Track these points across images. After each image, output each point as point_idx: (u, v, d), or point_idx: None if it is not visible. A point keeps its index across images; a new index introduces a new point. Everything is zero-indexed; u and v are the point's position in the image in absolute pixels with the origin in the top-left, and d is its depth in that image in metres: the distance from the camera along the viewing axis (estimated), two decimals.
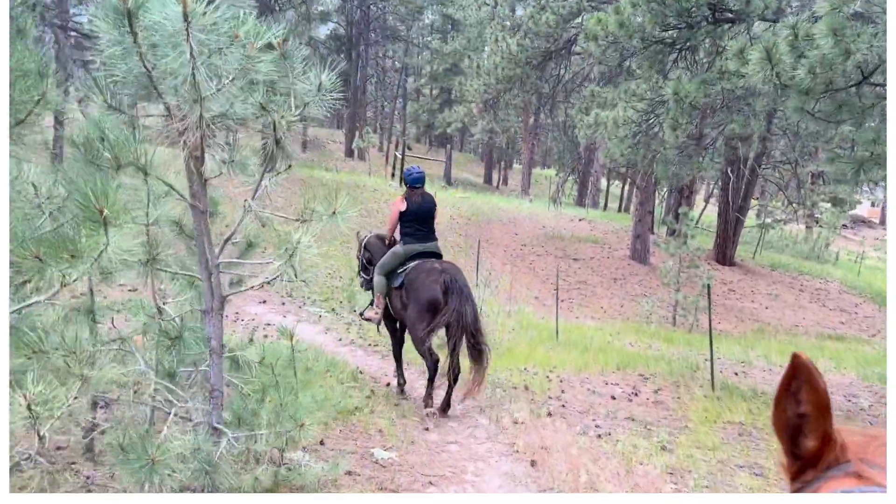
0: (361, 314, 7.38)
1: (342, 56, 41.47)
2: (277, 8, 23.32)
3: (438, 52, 36.24)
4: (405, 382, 6.91)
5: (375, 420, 5.61)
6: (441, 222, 20.15)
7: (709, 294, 8.41)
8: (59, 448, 3.51)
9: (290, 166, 2.54)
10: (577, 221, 23.49)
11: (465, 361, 6.24)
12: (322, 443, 4.84)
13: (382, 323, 6.93)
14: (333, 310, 12.46)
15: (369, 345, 9.86)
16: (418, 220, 6.40)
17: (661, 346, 12.24)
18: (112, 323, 2.99)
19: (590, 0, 16.62)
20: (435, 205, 6.52)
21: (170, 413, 2.40)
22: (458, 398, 6.40)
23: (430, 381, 6.13)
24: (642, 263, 19.59)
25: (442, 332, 6.18)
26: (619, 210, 35.54)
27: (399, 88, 49.85)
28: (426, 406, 6.04)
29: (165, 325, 2.62)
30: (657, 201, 27.35)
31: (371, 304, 6.96)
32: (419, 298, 5.92)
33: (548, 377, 8.08)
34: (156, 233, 2.35)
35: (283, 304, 12.50)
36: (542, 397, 7.01)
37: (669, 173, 10.88)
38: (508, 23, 20.58)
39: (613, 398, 7.34)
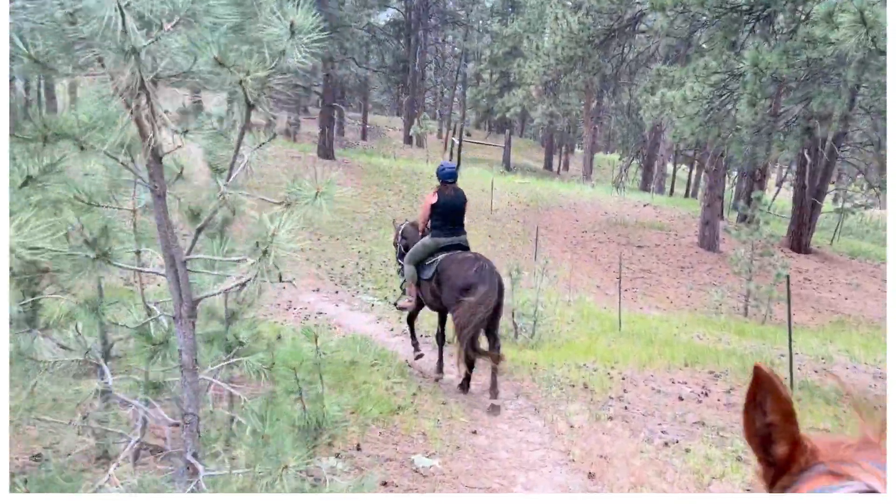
0: (395, 304, 7.53)
1: (401, 42, 41.19)
2: None
3: (498, 36, 35.49)
4: (420, 353, 7.31)
5: (420, 421, 5.22)
6: (499, 208, 19.66)
7: (788, 285, 7.68)
8: (68, 455, 3.24)
9: (273, 136, 2.12)
10: (642, 207, 22.57)
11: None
12: (359, 447, 4.47)
13: (413, 313, 7.17)
14: (386, 298, 12.14)
15: (421, 335, 9.50)
16: (448, 213, 6.51)
17: (731, 339, 11.48)
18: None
19: None
20: (465, 200, 6.63)
21: (133, 440, 2.04)
22: (512, 395, 6.10)
23: (465, 385, 6.51)
24: (711, 251, 18.63)
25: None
26: (686, 195, 34.20)
27: (458, 74, 49.30)
28: (462, 389, 6.42)
29: (147, 329, 2.28)
30: (727, 185, 26.09)
31: (403, 292, 7.14)
32: (454, 287, 6.00)
33: (609, 374, 7.54)
34: (114, 220, 2.00)
35: (337, 292, 12.28)
36: (602, 397, 6.49)
37: (744, 154, 10.04)
38: (570, 2, 19.80)
39: (681, 399, 6.76)
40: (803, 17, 6.94)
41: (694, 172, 35.56)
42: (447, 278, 6.11)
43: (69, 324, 2.48)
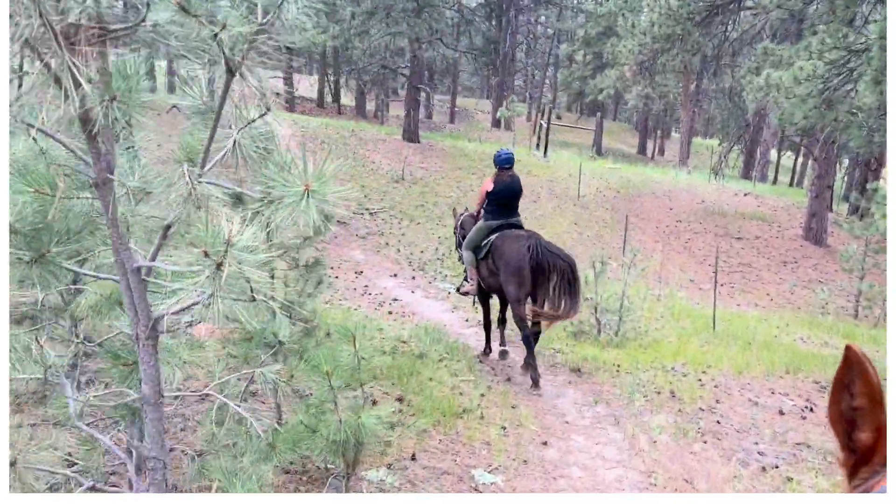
0: (458, 289, 7.61)
1: (492, 23, 40.45)
2: None
3: (592, 15, 34.22)
4: (491, 351, 7.20)
5: (485, 429, 4.81)
6: (587, 195, 18.87)
7: None
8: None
9: (267, 109, 1.70)
10: (742, 196, 21.19)
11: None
12: (414, 457, 4.11)
13: (478, 298, 7.17)
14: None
15: (497, 327, 9.07)
16: (504, 199, 6.66)
17: (839, 343, 10.43)
18: (76, 332, 2.37)
19: None
20: (521, 187, 6.82)
21: (85, 485, 1.71)
22: (590, 401, 5.63)
23: (530, 352, 6.24)
24: (818, 245, 17.23)
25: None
26: (791, 184, 32.08)
27: (550, 55, 48.08)
28: (529, 378, 6.18)
29: (118, 346, 1.97)
30: (838, 174, 24.17)
31: (465, 279, 7.27)
32: (508, 263, 6.12)
33: (700, 380, 6.88)
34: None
35: (414, 278, 12.01)
36: (691, 408, 5.88)
37: (863, 141, 8.94)
38: None
39: (782, 413, 6.04)
40: None
41: (800, 160, 33.29)
42: (500, 255, 6.27)
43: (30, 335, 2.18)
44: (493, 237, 6.50)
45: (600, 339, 8.63)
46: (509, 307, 6.59)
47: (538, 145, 25.25)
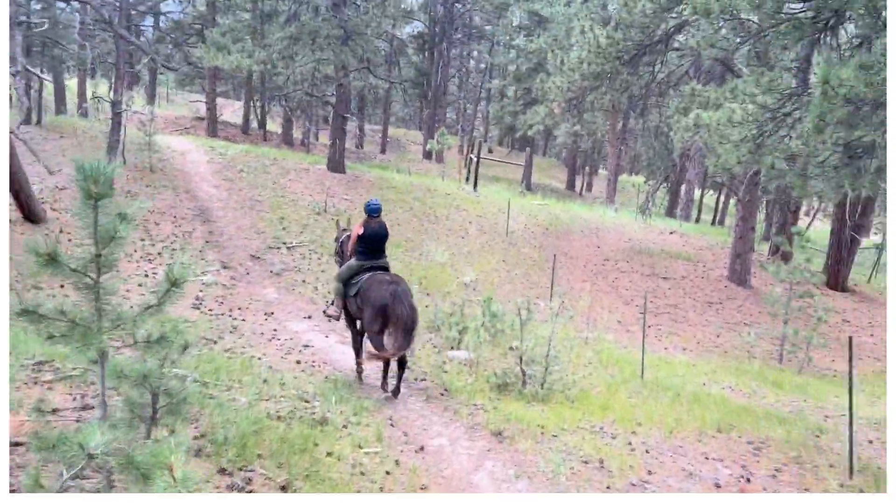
0: (324, 311, 8.62)
1: (424, 55, 40.32)
2: (355, 4, 22.16)
3: (523, 51, 34.50)
4: (363, 370, 8.00)
5: None
6: (515, 231, 18.49)
7: (850, 347, 6.41)
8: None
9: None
10: (668, 234, 21.27)
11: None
12: None
13: (343, 320, 8.12)
14: None
15: (416, 378, 8.35)
16: (373, 242, 7.70)
17: (768, 393, 10.17)
18: None
19: None
20: (387, 232, 7.84)
21: None
22: (510, 475, 4.94)
23: (385, 372, 7.53)
24: (742, 286, 17.29)
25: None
26: (714, 223, 32.79)
27: (481, 89, 48.35)
28: (383, 390, 7.43)
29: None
30: (759, 215, 24.71)
31: (331, 303, 8.36)
32: (373, 304, 7.15)
33: (630, 443, 6.32)
34: None
35: (330, 319, 11.17)
36: (621, 482, 5.28)
37: (811, 189, 8.73)
38: (599, 14, 18.70)
39: (718, 486, 5.52)
40: (882, 26, 5.76)
41: (722, 199, 34.13)
42: (367, 297, 7.25)
43: None
44: (363, 277, 7.53)
45: (525, 391, 8.02)
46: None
47: (468, 178, 24.87)
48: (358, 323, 7.97)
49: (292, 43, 18.26)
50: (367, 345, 7.38)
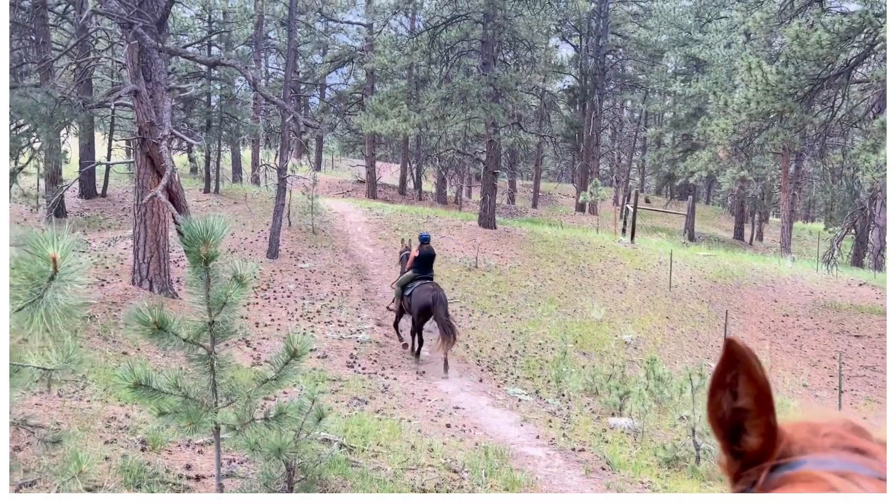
0: (388, 307, 12.70)
1: (576, 108, 39.97)
2: (505, 62, 22.35)
3: (680, 96, 33.17)
4: (408, 345, 11.59)
5: None
6: (679, 285, 17.23)
7: None
8: None
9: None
10: (857, 286, 18.94)
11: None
12: None
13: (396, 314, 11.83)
14: (537, 392, 10.43)
15: (573, 448, 7.67)
16: (424, 262, 11.25)
17: None
18: None
19: (879, 14, 13.10)
20: (434, 254, 11.58)
21: None
22: None
23: (417, 353, 11.29)
24: None
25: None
26: None
27: (636, 138, 47.02)
28: (415, 358, 11.30)
29: None
30: None
31: (393, 301, 12.16)
32: (419, 304, 10.63)
33: None
34: None
35: (481, 380, 10.76)
36: None
37: None
38: (766, 50, 17.42)
39: None
40: None
41: None
42: (417, 298, 10.70)
43: None
44: (415, 285, 10.94)
45: (699, 468, 7.08)
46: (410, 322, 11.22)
47: (624, 230, 23.84)
48: (405, 317, 11.53)
49: (444, 104, 18.61)
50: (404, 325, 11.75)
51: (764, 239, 37.41)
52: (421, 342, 11.23)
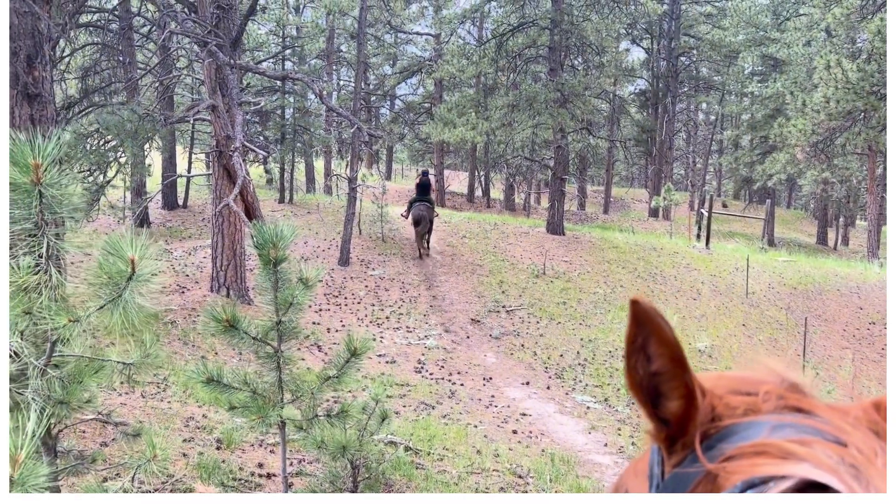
0: (402, 213, 17.64)
1: (648, 112, 39.25)
2: (573, 67, 22.20)
3: (758, 97, 32.09)
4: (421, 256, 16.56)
5: None
6: (756, 291, 16.66)
7: None
8: None
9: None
10: None
11: None
12: None
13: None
14: (606, 400, 10.30)
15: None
16: (422, 188, 16.62)
17: None
18: None
19: None
20: (430, 183, 17.23)
21: None
22: None
23: (419, 250, 16.51)
24: None
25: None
26: None
27: (711, 141, 45.73)
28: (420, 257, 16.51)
29: None
30: None
31: (405, 211, 17.23)
32: (413, 217, 15.97)
33: None
34: None
35: (549, 387, 10.70)
36: None
37: None
38: (846, 48, 16.72)
39: None
40: None
41: None
42: (413, 213, 15.98)
43: None
44: (415, 204, 16.04)
45: None
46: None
47: (699, 235, 23.22)
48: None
49: (511, 111, 18.64)
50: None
51: (850, 244, 35.72)
52: (421, 245, 16.63)
